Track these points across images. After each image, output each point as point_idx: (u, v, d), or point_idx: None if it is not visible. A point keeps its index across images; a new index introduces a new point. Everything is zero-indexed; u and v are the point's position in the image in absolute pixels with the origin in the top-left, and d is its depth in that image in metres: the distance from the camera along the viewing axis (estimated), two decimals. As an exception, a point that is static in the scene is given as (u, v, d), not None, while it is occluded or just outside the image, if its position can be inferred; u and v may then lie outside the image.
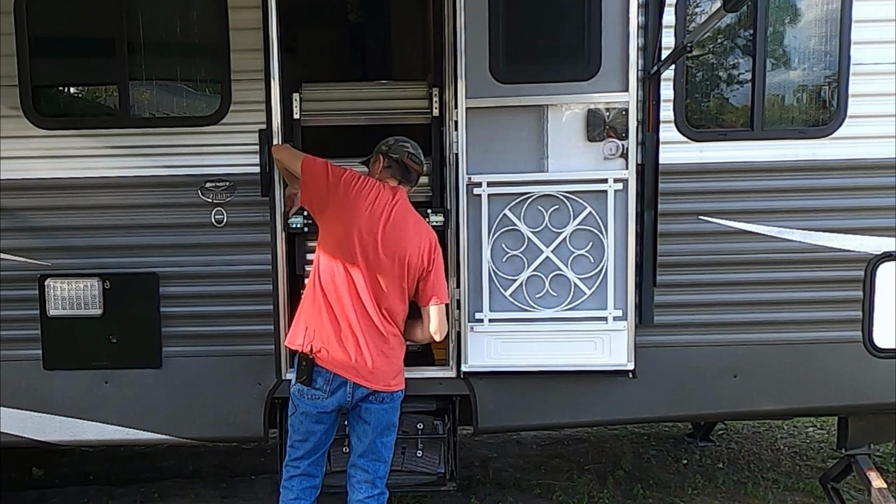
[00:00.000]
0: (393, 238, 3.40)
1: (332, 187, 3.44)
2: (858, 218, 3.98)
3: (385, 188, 3.49)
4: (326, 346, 3.40)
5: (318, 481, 3.61)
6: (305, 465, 3.55)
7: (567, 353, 3.94)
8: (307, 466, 3.56)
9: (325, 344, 3.40)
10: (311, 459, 3.55)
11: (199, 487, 5.18)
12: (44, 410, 4.10)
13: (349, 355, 3.39)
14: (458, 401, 4.12)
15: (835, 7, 3.94)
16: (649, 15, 3.85)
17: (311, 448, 3.53)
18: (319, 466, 3.60)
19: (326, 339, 3.39)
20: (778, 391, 4.10)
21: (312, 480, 3.58)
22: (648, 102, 3.90)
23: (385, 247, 3.38)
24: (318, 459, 3.59)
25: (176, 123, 4.02)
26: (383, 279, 3.39)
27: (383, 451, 3.53)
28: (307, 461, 3.55)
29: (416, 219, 3.54)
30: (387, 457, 3.55)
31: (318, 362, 3.39)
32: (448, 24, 3.88)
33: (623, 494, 4.97)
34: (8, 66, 3.95)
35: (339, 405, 3.44)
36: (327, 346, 3.40)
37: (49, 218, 4.01)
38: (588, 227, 3.88)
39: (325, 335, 3.40)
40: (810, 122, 4.08)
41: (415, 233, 3.46)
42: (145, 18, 4.02)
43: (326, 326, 3.40)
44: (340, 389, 3.41)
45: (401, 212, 3.46)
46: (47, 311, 4.04)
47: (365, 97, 4.19)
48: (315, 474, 3.59)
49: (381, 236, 3.38)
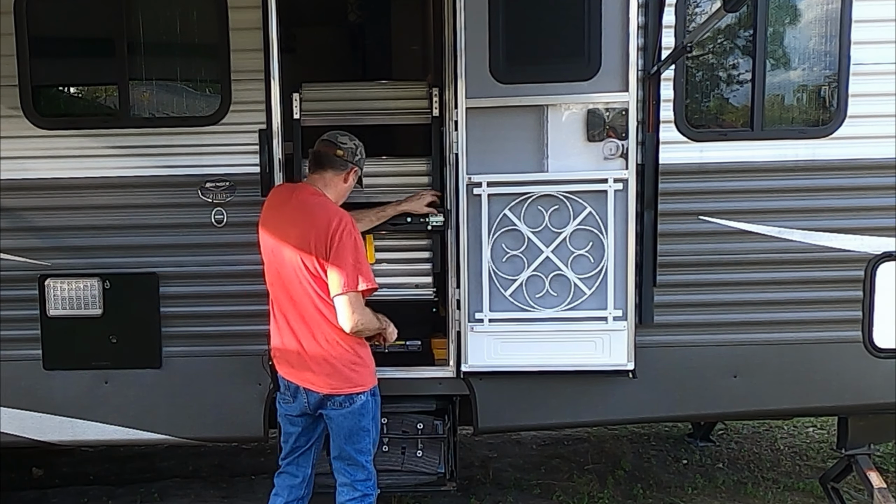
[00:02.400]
0: (285, 241, 3.37)
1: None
2: (858, 218, 3.98)
3: (286, 190, 3.57)
4: (277, 353, 3.49)
5: (300, 481, 3.60)
6: (285, 464, 3.61)
7: (567, 353, 3.94)
8: (286, 465, 3.61)
9: (277, 350, 3.48)
10: (289, 459, 3.60)
11: (199, 487, 5.18)
12: (44, 410, 4.10)
13: (293, 360, 3.43)
14: (458, 401, 4.12)
15: (835, 7, 3.94)
16: (649, 15, 3.85)
17: (289, 449, 3.58)
18: (301, 467, 3.60)
19: (278, 344, 3.48)
20: (778, 391, 4.10)
21: (293, 479, 3.60)
22: (648, 102, 3.90)
23: (290, 246, 3.36)
24: (298, 460, 3.59)
25: (176, 123, 4.02)
26: (303, 278, 3.32)
27: (357, 457, 3.45)
28: (286, 460, 3.60)
29: (315, 207, 3.37)
30: (362, 461, 3.45)
31: (275, 368, 3.51)
32: (448, 24, 3.88)
33: (623, 494, 4.97)
34: (8, 66, 3.96)
35: (302, 410, 3.46)
36: (278, 353, 3.49)
37: (49, 218, 4.02)
38: (588, 227, 3.88)
39: (277, 341, 3.48)
40: (810, 122, 4.08)
41: (303, 224, 3.33)
42: (145, 18, 4.03)
43: (276, 333, 3.48)
44: (298, 394, 3.44)
45: (297, 204, 3.41)
46: (47, 311, 4.04)
47: (365, 97, 4.19)
48: (295, 474, 3.60)
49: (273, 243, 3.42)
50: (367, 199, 4.10)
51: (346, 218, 3.34)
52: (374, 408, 3.46)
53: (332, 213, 3.35)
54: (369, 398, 3.42)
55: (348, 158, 3.48)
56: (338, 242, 3.25)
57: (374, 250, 4.07)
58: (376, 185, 4.12)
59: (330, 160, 3.46)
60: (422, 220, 4.00)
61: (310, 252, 3.28)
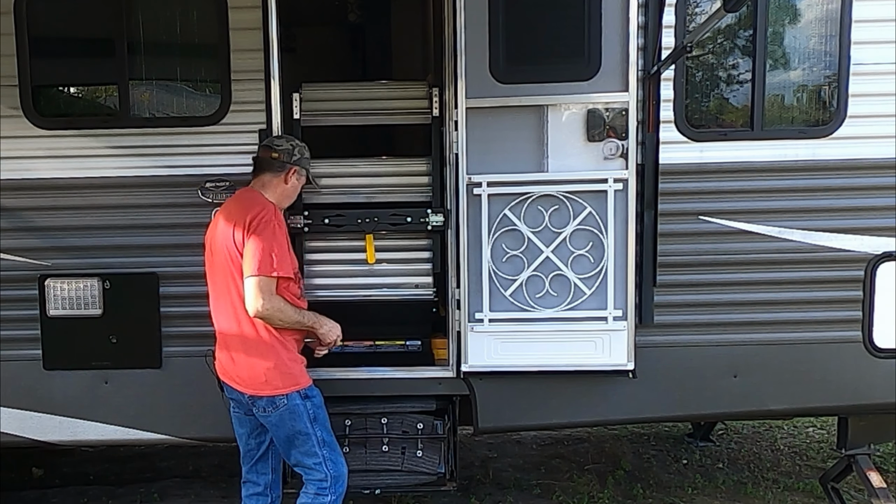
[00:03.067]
0: (217, 234, 3.42)
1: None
2: (858, 218, 3.98)
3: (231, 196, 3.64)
4: (216, 350, 3.53)
5: (263, 489, 3.59)
6: (246, 471, 3.62)
7: (567, 353, 3.94)
8: (247, 472, 3.62)
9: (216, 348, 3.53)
10: (248, 466, 3.62)
11: (199, 487, 5.18)
12: (44, 410, 4.10)
13: (224, 359, 3.47)
14: (458, 401, 4.12)
15: (835, 7, 3.94)
16: (649, 15, 3.85)
17: (244, 451, 3.61)
18: (261, 474, 3.60)
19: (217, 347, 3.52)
20: (778, 391, 4.10)
21: (255, 487, 3.60)
22: (648, 102, 3.90)
23: (215, 246, 3.43)
24: (256, 466, 3.59)
25: (176, 123, 4.02)
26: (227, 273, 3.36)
27: (305, 460, 3.40)
28: (245, 467, 3.63)
29: (239, 203, 3.44)
30: (311, 463, 3.39)
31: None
32: (448, 24, 3.88)
33: (623, 494, 4.97)
34: (8, 66, 3.95)
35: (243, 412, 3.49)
36: (216, 350, 3.53)
37: (49, 218, 4.01)
38: (588, 227, 3.87)
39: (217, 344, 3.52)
40: (810, 122, 4.08)
41: (230, 217, 3.37)
42: (145, 18, 4.03)
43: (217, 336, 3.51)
44: (234, 396, 3.48)
45: (227, 205, 3.50)
46: (47, 311, 4.04)
47: (365, 97, 4.19)
48: (257, 482, 3.60)
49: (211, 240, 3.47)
50: (367, 199, 4.12)
51: (270, 208, 3.36)
52: (310, 409, 3.37)
53: (258, 203, 3.38)
54: (298, 401, 3.35)
55: (285, 160, 3.50)
56: (255, 227, 3.28)
57: (374, 250, 4.07)
58: (376, 185, 4.13)
59: (266, 163, 3.51)
60: (421, 220, 4.01)
61: (233, 243, 3.33)
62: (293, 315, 3.37)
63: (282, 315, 3.32)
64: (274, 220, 3.33)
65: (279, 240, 3.33)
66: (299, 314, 3.41)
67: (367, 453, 4.02)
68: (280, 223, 3.38)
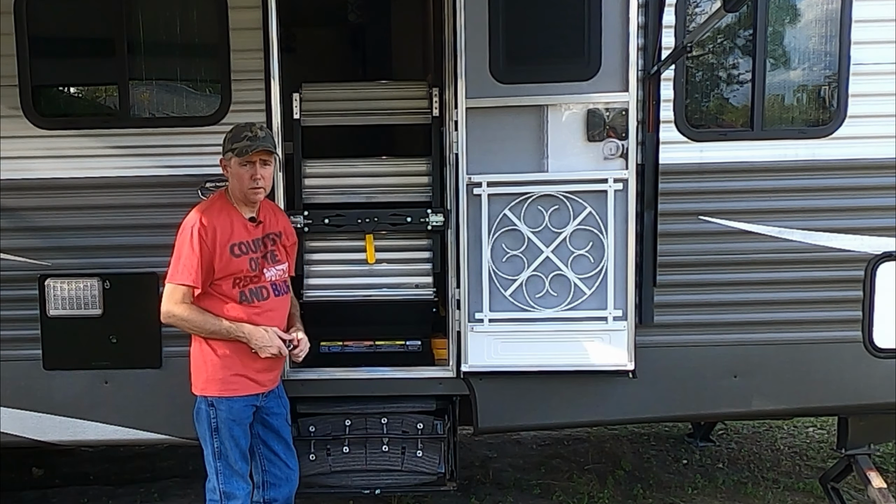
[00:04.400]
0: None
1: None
2: (858, 218, 3.98)
3: None
4: None
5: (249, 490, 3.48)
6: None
7: (567, 353, 3.94)
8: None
9: None
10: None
11: (199, 487, 5.10)
12: (44, 410, 4.10)
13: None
14: (458, 401, 4.12)
15: (835, 7, 3.94)
16: (649, 15, 3.85)
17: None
18: (255, 473, 3.55)
19: None
20: (778, 391, 4.10)
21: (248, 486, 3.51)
22: (648, 102, 3.90)
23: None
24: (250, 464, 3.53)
25: (176, 123, 4.03)
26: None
27: (206, 462, 3.40)
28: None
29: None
30: (209, 469, 3.38)
31: None
32: (448, 24, 3.88)
33: (623, 494, 4.97)
34: (8, 66, 3.95)
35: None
36: None
37: (49, 218, 4.01)
38: (588, 227, 3.88)
39: None
40: (810, 122, 4.08)
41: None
42: (145, 18, 4.03)
43: None
44: None
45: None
46: (47, 311, 4.04)
47: (365, 97, 4.20)
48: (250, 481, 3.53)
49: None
50: (367, 199, 4.12)
51: (192, 218, 3.29)
52: (213, 418, 3.33)
53: (192, 209, 3.36)
54: (203, 406, 3.35)
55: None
56: (176, 234, 3.32)
57: (374, 250, 4.07)
58: (376, 185, 4.14)
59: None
60: (421, 220, 4.01)
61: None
62: (205, 325, 3.26)
63: (187, 324, 3.27)
64: (191, 228, 3.25)
65: (189, 247, 3.23)
66: (217, 325, 3.26)
67: (367, 453, 4.02)
68: (206, 227, 3.24)
